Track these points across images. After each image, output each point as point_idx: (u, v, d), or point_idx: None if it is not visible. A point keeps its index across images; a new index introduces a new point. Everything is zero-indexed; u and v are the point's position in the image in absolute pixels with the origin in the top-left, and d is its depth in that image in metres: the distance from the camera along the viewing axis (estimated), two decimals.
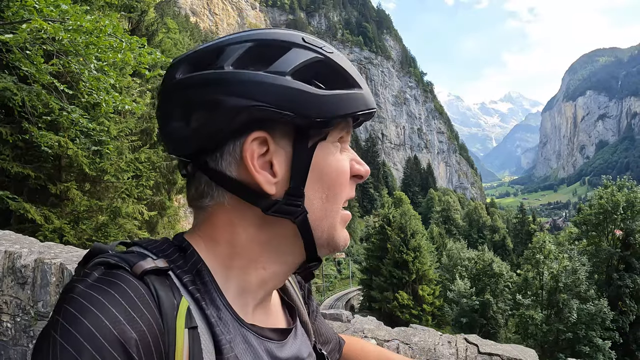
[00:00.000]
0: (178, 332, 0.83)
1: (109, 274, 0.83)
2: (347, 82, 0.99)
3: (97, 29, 7.72)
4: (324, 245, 1.03)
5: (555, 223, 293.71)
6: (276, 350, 1.05)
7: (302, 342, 1.19)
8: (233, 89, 0.90)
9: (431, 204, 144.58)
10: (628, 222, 38.22)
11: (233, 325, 0.96)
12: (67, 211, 13.31)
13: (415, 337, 4.87)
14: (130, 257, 0.89)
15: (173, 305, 0.85)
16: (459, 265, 57.19)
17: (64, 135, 11.00)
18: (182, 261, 0.95)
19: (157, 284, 0.86)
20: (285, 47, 0.95)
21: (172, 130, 0.97)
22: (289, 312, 1.23)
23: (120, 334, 0.74)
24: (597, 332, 33.66)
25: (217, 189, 0.97)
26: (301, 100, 0.91)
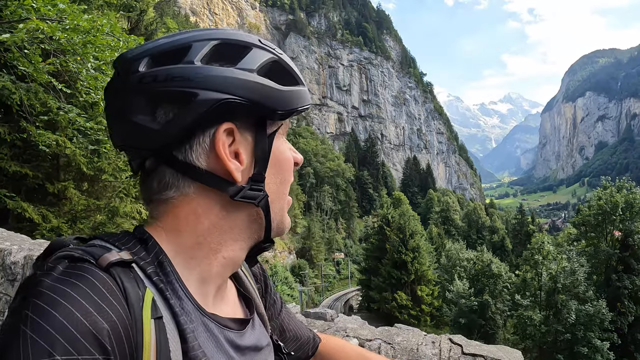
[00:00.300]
0: (145, 323, 0.84)
1: (74, 267, 0.83)
2: (295, 79, 1.09)
3: (94, 28, 7.71)
4: (274, 228, 1.09)
5: (555, 224, 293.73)
6: (236, 339, 1.08)
7: (260, 332, 1.22)
8: (206, 83, 0.94)
9: (430, 205, 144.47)
10: (627, 223, 38.26)
11: (195, 315, 0.97)
12: (64, 210, 13.29)
13: (398, 337, 4.85)
14: (94, 250, 0.89)
15: (139, 296, 0.86)
16: (457, 265, 57.24)
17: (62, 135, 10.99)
18: (145, 253, 0.96)
19: (123, 275, 0.86)
20: (247, 47, 1.02)
21: (134, 126, 0.96)
22: (245, 303, 1.26)
23: (92, 325, 0.75)
24: (595, 333, 33.66)
25: (184, 180, 0.99)
26: (268, 94, 1.00)
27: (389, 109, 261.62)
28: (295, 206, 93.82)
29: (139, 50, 0.99)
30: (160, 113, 0.95)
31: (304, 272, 72.19)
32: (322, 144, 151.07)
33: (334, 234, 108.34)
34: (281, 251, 70.13)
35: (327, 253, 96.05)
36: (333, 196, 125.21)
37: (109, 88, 1.02)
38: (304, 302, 61.96)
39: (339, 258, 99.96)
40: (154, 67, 0.96)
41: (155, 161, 1.01)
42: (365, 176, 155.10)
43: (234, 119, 0.99)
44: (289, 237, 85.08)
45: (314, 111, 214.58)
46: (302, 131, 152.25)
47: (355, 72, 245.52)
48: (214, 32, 1.02)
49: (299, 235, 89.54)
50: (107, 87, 1.03)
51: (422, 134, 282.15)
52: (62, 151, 11.58)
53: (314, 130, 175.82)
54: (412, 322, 53.78)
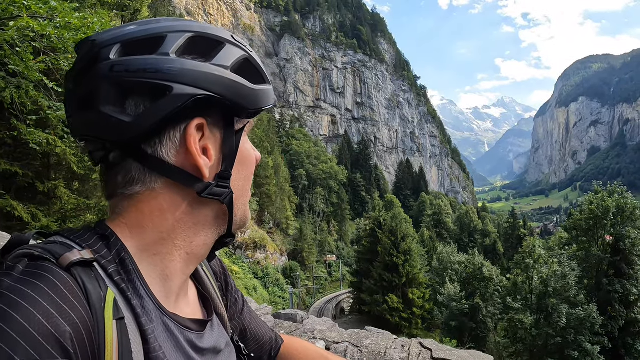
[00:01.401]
0: (107, 324, 0.83)
1: (34, 266, 0.81)
2: (263, 78, 1.10)
3: (85, 26, 7.69)
4: (237, 223, 1.11)
5: (547, 228, 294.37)
6: (196, 340, 1.07)
7: (219, 333, 1.22)
8: (181, 77, 0.93)
9: (422, 208, 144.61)
10: (618, 228, 38.37)
11: (155, 315, 0.96)
12: (54, 209, 13.25)
13: (367, 340, 4.87)
14: (55, 248, 0.87)
15: (100, 297, 0.84)
16: (449, 269, 57.29)
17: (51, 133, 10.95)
18: (106, 250, 0.94)
19: (84, 275, 0.85)
20: (221, 42, 1.02)
21: (101, 116, 0.93)
22: (204, 303, 1.26)
23: (54, 328, 0.73)
24: (586, 337, 33.72)
25: (151, 175, 0.97)
26: (240, 92, 1.01)
27: (383, 112, 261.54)
28: (287, 208, 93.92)
29: (109, 35, 0.96)
30: (131, 105, 0.92)
31: (295, 274, 72.08)
32: (315, 146, 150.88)
33: (326, 236, 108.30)
34: (273, 253, 69.97)
35: (319, 255, 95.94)
36: (325, 198, 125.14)
37: (72, 73, 0.98)
38: (295, 304, 61.93)
39: (331, 260, 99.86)
40: (125, 56, 0.93)
41: (121, 154, 0.98)
42: (358, 179, 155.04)
43: (205, 115, 0.98)
44: (281, 238, 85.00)
45: (307, 113, 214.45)
46: (295, 133, 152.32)
47: (349, 74, 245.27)
48: (187, 23, 1.01)
49: (291, 237, 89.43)
50: (69, 72, 0.99)
51: (415, 137, 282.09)
52: (52, 150, 11.55)
53: (307, 133, 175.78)
54: (404, 325, 53.91)
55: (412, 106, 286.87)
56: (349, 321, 56.01)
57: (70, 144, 11.72)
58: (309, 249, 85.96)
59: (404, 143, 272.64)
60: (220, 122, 1.03)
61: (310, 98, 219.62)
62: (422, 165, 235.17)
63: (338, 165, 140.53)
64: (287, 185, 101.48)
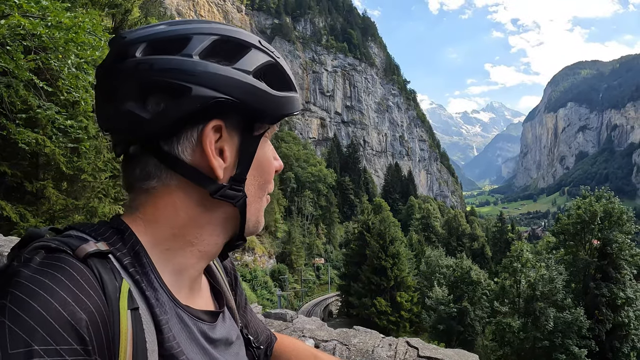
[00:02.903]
0: (122, 314, 0.85)
1: (52, 257, 0.83)
2: (289, 85, 1.10)
3: (76, 25, 7.68)
4: (249, 228, 1.10)
5: (534, 232, 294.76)
6: (208, 331, 1.09)
7: (231, 325, 1.24)
8: (202, 79, 0.94)
9: (411, 211, 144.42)
10: (605, 232, 38.51)
11: (169, 306, 0.98)
12: (43, 210, 13.23)
13: (355, 339, 4.92)
14: (71, 240, 0.89)
15: (115, 287, 0.86)
16: (437, 272, 57.50)
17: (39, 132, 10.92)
18: (121, 244, 0.96)
19: (100, 266, 0.86)
20: (246, 47, 1.03)
21: (123, 111, 0.95)
22: (216, 296, 1.27)
23: (70, 316, 0.75)
24: (573, 340, 33.84)
25: (167, 172, 0.99)
26: (261, 98, 1.01)
27: (372, 116, 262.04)
28: (276, 210, 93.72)
29: (138, 34, 0.98)
30: (152, 102, 0.94)
31: (283, 276, 72.03)
32: (304, 149, 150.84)
33: (315, 239, 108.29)
34: (261, 255, 70.01)
35: (307, 258, 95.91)
36: (314, 201, 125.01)
37: (101, 68, 1.00)
38: (283, 307, 61.76)
39: (319, 263, 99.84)
40: (151, 55, 0.95)
41: (140, 149, 1.00)
42: (347, 182, 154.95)
43: (223, 117, 0.99)
44: (269, 241, 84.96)
45: (297, 116, 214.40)
46: (284, 136, 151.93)
47: (339, 78, 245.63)
48: (215, 26, 1.02)
49: (279, 239, 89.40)
50: (99, 66, 1.01)
51: (404, 141, 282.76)
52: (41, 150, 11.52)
53: (296, 135, 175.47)
54: (391, 328, 54.06)
55: (401, 110, 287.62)
56: (337, 324, 55.78)
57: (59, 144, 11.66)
58: (297, 252, 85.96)
59: (393, 147, 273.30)
60: (239, 126, 1.03)
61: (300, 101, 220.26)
62: (411, 169, 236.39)
63: (327, 169, 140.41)
64: (276, 188, 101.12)
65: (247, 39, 1.04)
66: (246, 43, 1.03)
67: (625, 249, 37.80)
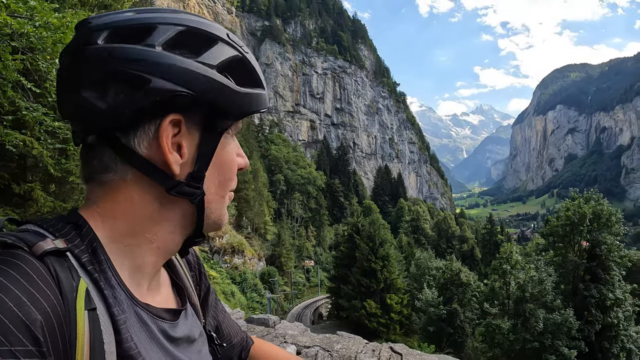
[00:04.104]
0: (79, 314, 0.82)
1: (7, 253, 0.81)
2: (257, 82, 1.07)
3: (64, 26, 7.62)
4: (210, 225, 1.08)
5: (524, 234, 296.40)
6: (169, 330, 1.07)
7: (193, 322, 1.22)
8: (163, 71, 0.91)
9: (401, 214, 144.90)
10: (594, 234, 38.63)
11: (127, 305, 0.96)
12: (30, 212, 13.09)
13: (338, 345, 4.90)
14: (28, 236, 0.86)
15: (72, 286, 0.84)
16: (427, 274, 57.82)
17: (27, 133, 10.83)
18: (79, 240, 0.93)
19: (57, 265, 0.84)
20: (213, 40, 1.00)
21: (82, 100, 0.92)
22: (178, 292, 1.25)
23: (25, 316, 0.72)
24: (563, 341, 33.94)
25: (122, 164, 0.96)
26: (224, 94, 0.98)
27: (362, 118, 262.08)
28: (265, 213, 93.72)
29: (103, 20, 0.95)
30: (111, 92, 0.91)
31: (273, 279, 71.81)
32: (293, 151, 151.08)
33: (304, 242, 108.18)
34: (251, 258, 69.71)
35: (297, 260, 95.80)
36: (304, 204, 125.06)
37: (65, 52, 0.98)
38: (273, 309, 61.71)
39: (309, 266, 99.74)
40: (113, 43, 0.92)
41: (97, 139, 0.97)
42: (337, 184, 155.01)
43: (183, 112, 0.96)
44: (259, 243, 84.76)
45: (287, 118, 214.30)
46: (274, 138, 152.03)
47: (329, 80, 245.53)
48: (183, 17, 0.99)
49: (269, 242, 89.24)
50: (63, 50, 0.98)
51: (394, 143, 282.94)
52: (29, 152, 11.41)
53: (286, 137, 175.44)
54: (382, 330, 53.99)
55: (391, 112, 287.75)
56: (327, 326, 55.87)
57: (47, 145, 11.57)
58: (287, 254, 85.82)
59: (383, 149, 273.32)
60: (200, 121, 1.00)
61: (289, 103, 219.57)
62: (401, 172, 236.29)
63: (317, 171, 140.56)
64: (266, 190, 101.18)
65: (214, 31, 1.01)
66: (213, 36, 1.00)
67: (614, 250, 37.92)
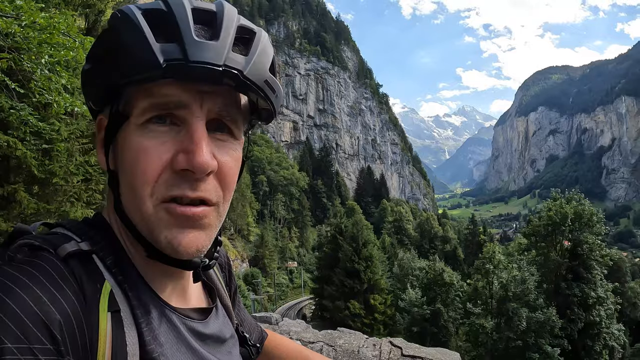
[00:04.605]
0: (101, 315, 0.82)
1: (32, 255, 0.82)
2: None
3: (51, 26, 7.60)
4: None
5: (506, 234, 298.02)
6: (199, 327, 1.05)
7: (224, 322, 1.20)
8: None
9: (383, 214, 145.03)
10: (576, 234, 39.00)
11: (153, 306, 0.95)
12: (14, 214, 13.02)
13: (340, 340, 5.00)
14: (54, 239, 0.87)
15: (96, 288, 0.84)
16: (410, 274, 57.82)
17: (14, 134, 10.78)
18: (105, 242, 0.94)
19: (80, 267, 0.85)
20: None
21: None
22: (208, 292, 1.22)
23: (44, 315, 0.73)
24: (546, 339, 34.25)
25: None
26: None
27: (345, 119, 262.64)
28: (248, 214, 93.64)
29: None
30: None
31: (257, 280, 71.83)
32: (276, 152, 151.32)
33: (287, 243, 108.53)
34: (234, 259, 69.67)
35: (280, 262, 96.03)
36: (286, 205, 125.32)
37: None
38: (257, 310, 61.59)
39: (292, 267, 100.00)
40: None
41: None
42: (319, 185, 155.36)
43: None
44: (242, 245, 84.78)
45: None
46: (256, 139, 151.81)
47: (312, 81, 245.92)
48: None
49: (252, 243, 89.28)
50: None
51: (376, 144, 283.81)
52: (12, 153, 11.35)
53: (268, 138, 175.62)
54: (365, 331, 53.71)
55: (373, 114, 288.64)
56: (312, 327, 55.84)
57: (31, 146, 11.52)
58: (270, 256, 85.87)
59: (366, 150, 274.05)
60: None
61: None
62: (383, 172, 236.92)
63: (299, 172, 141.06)
64: (248, 192, 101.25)
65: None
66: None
67: (595, 249, 38.35)
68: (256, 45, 0.94)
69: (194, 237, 0.91)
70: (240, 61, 0.88)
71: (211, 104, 0.91)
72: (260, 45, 0.94)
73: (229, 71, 0.86)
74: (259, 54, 0.92)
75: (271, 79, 0.95)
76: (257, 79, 0.91)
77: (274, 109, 1.03)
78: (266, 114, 1.06)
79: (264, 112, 1.05)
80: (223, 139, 0.96)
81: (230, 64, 0.86)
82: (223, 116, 0.94)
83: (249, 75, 0.89)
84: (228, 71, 0.86)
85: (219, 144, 0.94)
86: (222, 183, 0.95)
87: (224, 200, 0.97)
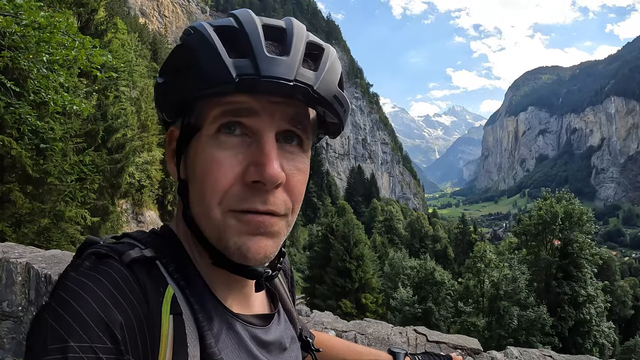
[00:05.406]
0: (163, 318, 0.86)
1: (99, 262, 0.87)
2: None
3: (51, 25, 7.61)
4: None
5: (496, 233, 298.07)
6: (261, 334, 1.07)
7: (286, 328, 1.22)
8: None
9: (374, 214, 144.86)
10: (566, 233, 39.14)
11: (216, 312, 0.98)
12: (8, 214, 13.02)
13: (369, 329, 5.17)
14: (120, 247, 0.92)
15: (158, 292, 0.89)
16: (401, 274, 57.85)
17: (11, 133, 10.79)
18: (169, 250, 0.98)
19: (144, 271, 0.89)
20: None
21: None
22: (271, 298, 1.25)
23: (106, 316, 0.78)
24: (537, 337, 34.34)
25: None
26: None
27: None
28: None
29: None
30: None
31: None
32: None
33: None
34: None
35: None
36: None
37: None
38: None
39: None
40: None
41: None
42: (310, 185, 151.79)
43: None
44: None
45: None
46: None
47: None
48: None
49: None
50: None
51: (367, 144, 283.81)
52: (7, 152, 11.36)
53: None
54: None
55: (364, 113, 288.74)
56: None
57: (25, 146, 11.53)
58: None
59: (356, 150, 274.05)
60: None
61: None
62: (374, 172, 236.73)
63: None
64: None
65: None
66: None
67: (585, 248, 38.51)
68: (325, 61, 0.95)
69: (263, 244, 0.93)
70: (310, 76, 0.89)
71: (282, 114, 0.93)
72: (329, 61, 0.96)
73: (300, 86, 0.87)
74: (327, 70, 0.94)
75: (340, 94, 0.96)
76: (326, 94, 0.92)
77: (341, 123, 1.04)
78: (334, 127, 1.07)
79: (332, 126, 1.06)
80: (292, 150, 0.97)
81: (301, 79, 0.88)
82: (294, 125, 0.96)
83: (318, 90, 0.90)
84: (299, 86, 0.87)
85: (288, 156, 0.96)
86: (291, 195, 0.97)
87: (292, 211, 0.99)
